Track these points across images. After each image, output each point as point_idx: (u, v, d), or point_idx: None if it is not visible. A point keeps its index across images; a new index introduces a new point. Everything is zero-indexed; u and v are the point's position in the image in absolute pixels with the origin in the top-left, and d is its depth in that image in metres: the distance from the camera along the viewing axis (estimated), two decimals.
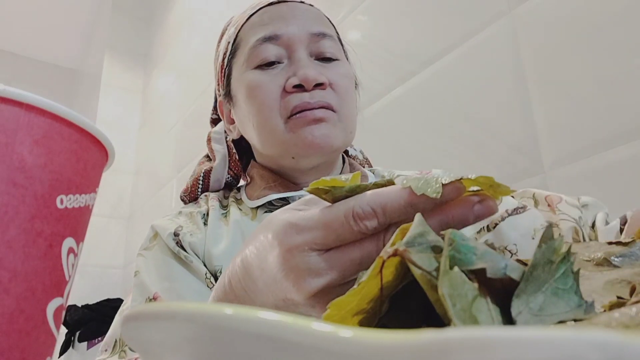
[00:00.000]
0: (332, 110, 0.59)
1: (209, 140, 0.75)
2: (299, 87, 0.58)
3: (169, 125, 2.41)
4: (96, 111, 2.66)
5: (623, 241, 0.25)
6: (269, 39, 0.61)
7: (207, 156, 0.77)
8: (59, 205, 0.23)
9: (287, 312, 0.28)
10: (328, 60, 0.62)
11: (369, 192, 0.26)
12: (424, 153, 1.02)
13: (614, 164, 0.70)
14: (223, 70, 0.68)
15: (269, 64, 0.60)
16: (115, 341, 0.57)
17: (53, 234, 0.23)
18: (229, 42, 0.67)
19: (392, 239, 0.20)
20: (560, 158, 0.77)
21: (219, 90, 0.71)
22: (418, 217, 0.21)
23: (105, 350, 0.57)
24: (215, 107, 0.77)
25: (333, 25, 0.68)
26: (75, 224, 0.24)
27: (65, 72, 3.65)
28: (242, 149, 0.74)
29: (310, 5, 0.66)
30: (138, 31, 2.92)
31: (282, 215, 0.28)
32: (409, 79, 1.09)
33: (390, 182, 0.27)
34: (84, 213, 0.25)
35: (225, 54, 0.68)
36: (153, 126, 2.64)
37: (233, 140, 0.73)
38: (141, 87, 2.89)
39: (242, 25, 0.65)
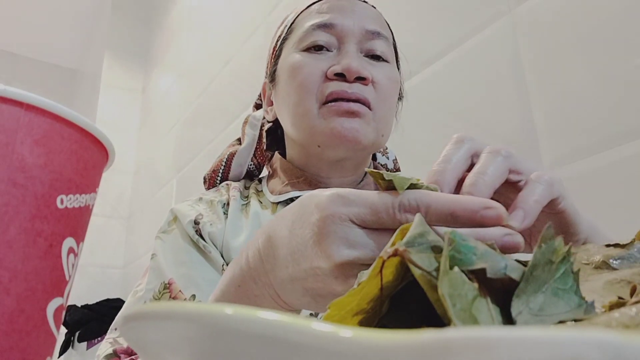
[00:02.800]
0: (369, 108, 0.59)
1: (245, 122, 0.75)
2: (341, 77, 0.58)
3: (169, 125, 2.41)
4: (96, 111, 2.66)
5: (621, 243, 0.25)
6: (324, 26, 0.61)
7: (239, 139, 0.77)
8: (59, 205, 0.23)
9: (305, 285, 0.29)
10: (377, 58, 0.62)
11: (420, 190, 0.27)
12: (423, 152, 1.02)
13: (614, 164, 0.70)
14: (274, 52, 0.68)
15: (317, 49, 0.60)
16: None
17: (53, 234, 0.23)
18: (285, 26, 0.67)
19: (392, 239, 0.20)
20: (560, 158, 0.77)
21: (266, 73, 0.71)
22: (418, 217, 0.21)
23: (115, 329, 0.57)
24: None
25: (391, 31, 0.68)
26: (76, 224, 0.24)
27: (65, 72, 3.65)
28: (275, 139, 0.74)
29: (373, 6, 0.67)
30: (138, 31, 2.92)
31: (328, 190, 0.29)
32: (409, 79, 1.09)
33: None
34: (84, 213, 0.25)
35: (279, 36, 0.68)
36: (153, 126, 2.64)
37: (268, 130, 0.73)
38: (141, 87, 2.89)
39: (301, 12, 0.66)
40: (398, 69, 0.69)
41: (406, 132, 1.07)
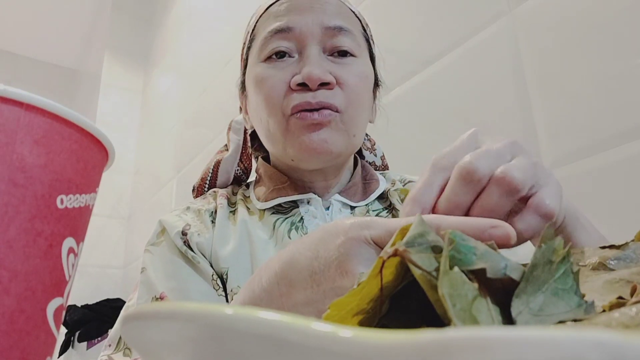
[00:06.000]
0: (336, 111, 0.57)
1: (229, 128, 0.74)
2: (304, 86, 0.56)
3: (169, 125, 2.41)
4: (96, 111, 2.66)
5: (616, 245, 0.25)
6: (281, 31, 0.58)
7: (226, 146, 0.76)
8: (59, 205, 0.23)
9: (320, 307, 0.30)
10: (344, 54, 0.59)
11: (432, 215, 0.29)
12: (423, 153, 1.02)
13: (614, 164, 0.70)
14: (243, 61, 0.67)
15: (279, 58, 0.58)
16: (120, 337, 0.57)
17: (53, 234, 0.23)
18: (247, 32, 0.66)
19: (392, 239, 0.20)
20: (560, 158, 0.77)
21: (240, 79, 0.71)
22: (418, 217, 0.21)
23: (109, 346, 0.57)
24: None
25: (359, 17, 0.65)
26: (76, 224, 0.24)
27: (65, 72, 3.65)
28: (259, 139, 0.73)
29: None
30: (138, 31, 2.92)
31: (351, 218, 0.31)
32: (409, 79, 1.09)
33: None
34: (84, 213, 0.25)
35: (244, 44, 0.66)
36: (153, 126, 2.64)
37: (252, 133, 0.72)
38: (141, 87, 2.89)
39: (260, 16, 0.63)
40: (372, 56, 0.66)
41: (407, 132, 1.08)
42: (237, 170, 0.73)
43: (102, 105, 2.69)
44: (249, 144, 0.72)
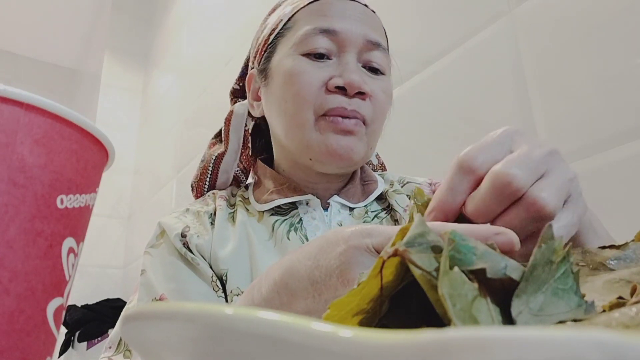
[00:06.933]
0: (364, 123, 0.59)
1: (228, 120, 0.72)
2: (341, 90, 0.57)
3: (169, 125, 2.41)
4: (96, 111, 2.66)
5: (616, 245, 0.25)
6: (326, 31, 0.59)
7: (218, 135, 0.76)
8: (59, 205, 0.23)
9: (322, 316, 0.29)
10: (374, 71, 0.61)
11: (434, 222, 0.29)
12: (423, 153, 1.02)
13: (614, 164, 0.70)
14: (266, 45, 0.66)
15: (318, 56, 0.59)
16: (120, 339, 0.57)
17: (53, 234, 0.23)
18: (281, 20, 0.65)
19: (392, 239, 0.20)
20: None
21: (253, 63, 0.69)
22: (418, 217, 0.21)
23: (110, 348, 0.57)
24: (240, 77, 0.75)
25: (386, 35, 0.67)
26: (76, 224, 0.24)
27: (65, 72, 3.65)
28: (259, 133, 0.73)
29: (373, 11, 0.65)
30: (138, 31, 2.92)
31: (351, 226, 0.30)
32: (409, 79, 1.09)
33: None
34: (84, 213, 0.25)
35: (274, 29, 0.65)
36: (153, 126, 2.64)
37: (252, 130, 0.72)
38: (141, 87, 2.89)
39: (300, 8, 0.63)
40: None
41: (406, 132, 1.07)
42: (237, 170, 0.73)
43: (102, 105, 2.69)
44: (249, 145, 0.72)
